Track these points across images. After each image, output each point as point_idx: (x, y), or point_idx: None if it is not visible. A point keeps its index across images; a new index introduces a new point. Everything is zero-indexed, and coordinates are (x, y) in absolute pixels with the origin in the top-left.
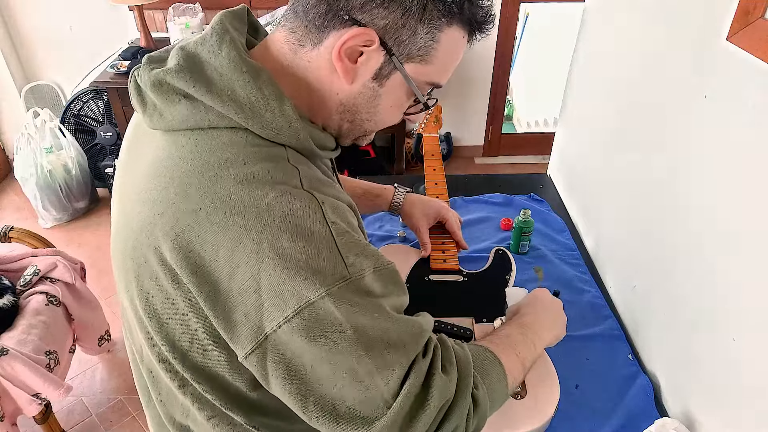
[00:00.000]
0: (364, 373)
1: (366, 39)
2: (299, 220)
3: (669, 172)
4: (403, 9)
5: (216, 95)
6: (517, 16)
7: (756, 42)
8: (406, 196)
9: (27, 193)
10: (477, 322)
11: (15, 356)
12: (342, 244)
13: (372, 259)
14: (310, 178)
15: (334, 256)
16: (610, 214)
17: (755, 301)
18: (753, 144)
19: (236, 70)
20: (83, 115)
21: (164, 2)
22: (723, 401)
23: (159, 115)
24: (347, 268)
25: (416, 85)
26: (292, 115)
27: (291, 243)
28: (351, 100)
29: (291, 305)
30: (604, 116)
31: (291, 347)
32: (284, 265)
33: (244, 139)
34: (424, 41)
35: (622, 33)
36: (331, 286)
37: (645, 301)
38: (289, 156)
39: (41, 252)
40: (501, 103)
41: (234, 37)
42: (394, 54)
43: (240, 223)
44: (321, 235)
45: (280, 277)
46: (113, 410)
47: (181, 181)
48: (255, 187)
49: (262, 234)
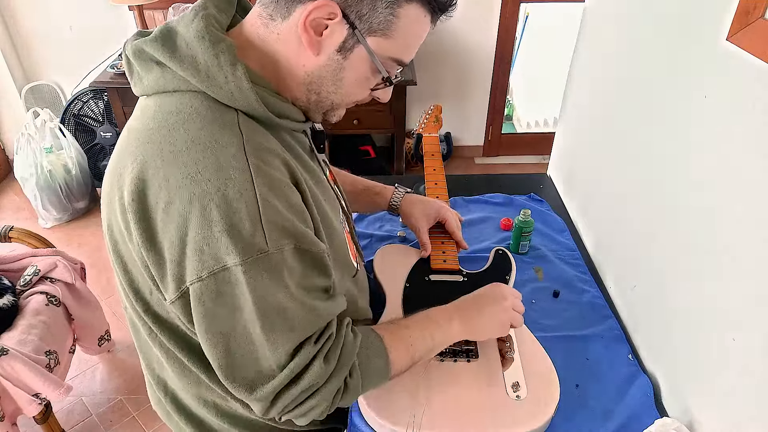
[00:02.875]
0: (257, 339)
1: (329, 11)
2: (229, 189)
3: (669, 172)
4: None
5: (178, 60)
6: (517, 16)
7: (756, 42)
8: (405, 195)
9: (27, 193)
10: None
11: (15, 356)
12: (266, 218)
13: (293, 237)
14: (257, 146)
15: (255, 228)
16: (610, 214)
17: (755, 301)
18: (753, 144)
19: (199, 39)
20: (83, 115)
21: (164, 2)
22: (723, 401)
23: (139, 80)
24: (267, 241)
25: (380, 60)
26: (243, 80)
27: (217, 209)
28: (317, 72)
29: (208, 266)
30: (604, 116)
31: (204, 301)
32: (208, 228)
33: (200, 102)
34: (383, 15)
35: (622, 33)
36: (246, 257)
37: (645, 301)
38: (241, 121)
39: (41, 252)
40: (501, 103)
41: (210, 13)
42: (356, 27)
43: (179, 181)
44: (247, 206)
45: (203, 238)
46: (113, 410)
47: (143, 135)
48: (198, 150)
49: (194, 196)
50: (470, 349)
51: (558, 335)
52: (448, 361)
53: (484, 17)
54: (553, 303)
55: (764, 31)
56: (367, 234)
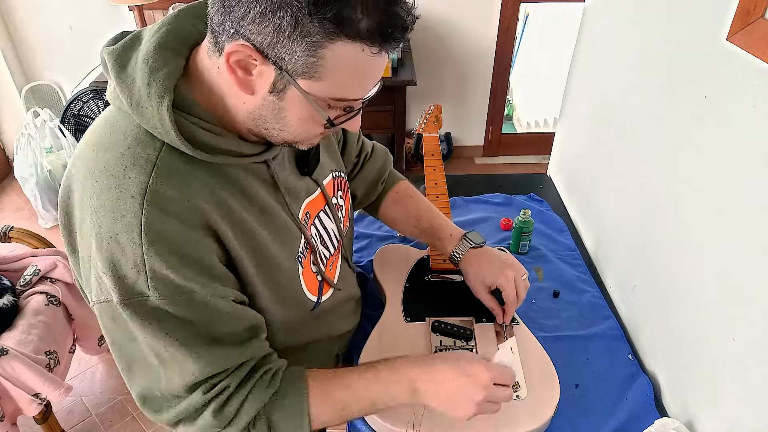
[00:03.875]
0: (153, 366)
1: (246, 54)
2: (120, 229)
3: (669, 171)
4: (274, 26)
5: (121, 81)
6: (517, 16)
7: (756, 42)
8: (466, 254)
9: (27, 193)
10: (477, 322)
11: (15, 356)
12: (151, 267)
13: (180, 288)
14: (159, 191)
15: (138, 275)
16: (610, 214)
17: (755, 301)
18: (753, 144)
19: (143, 61)
20: (83, 115)
21: (164, 2)
22: (723, 401)
23: (107, 86)
24: (149, 287)
25: (320, 100)
26: (165, 114)
27: (108, 245)
28: (256, 110)
29: (103, 293)
30: (604, 116)
31: (104, 321)
32: (102, 260)
33: (132, 129)
34: (303, 59)
35: (622, 33)
36: (126, 298)
37: (645, 301)
38: (162, 157)
39: (41, 252)
40: (501, 103)
41: (176, 28)
42: (283, 69)
43: (88, 205)
44: (133, 252)
45: (100, 266)
46: (113, 410)
47: (84, 146)
48: (106, 180)
49: (93, 225)
50: (470, 349)
51: (558, 335)
52: None
53: (484, 17)
54: (553, 303)
55: (764, 31)
56: (367, 234)
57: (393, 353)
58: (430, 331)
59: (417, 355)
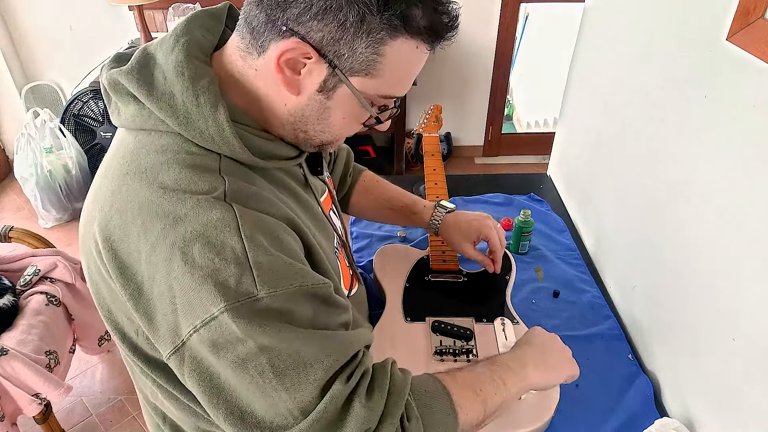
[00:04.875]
0: (271, 388)
1: (302, 52)
2: (212, 231)
3: (669, 172)
4: (338, 22)
5: (155, 99)
6: (517, 16)
7: (756, 42)
8: (444, 217)
9: (27, 193)
10: (477, 322)
11: (15, 356)
12: (255, 260)
13: (290, 278)
14: (239, 190)
15: (242, 271)
16: (610, 214)
17: (755, 300)
18: (753, 144)
19: (178, 73)
20: (83, 115)
21: (164, 2)
22: (723, 401)
23: (117, 113)
24: (256, 284)
25: (368, 97)
26: (225, 124)
27: (200, 254)
28: (299, 111)
29: (199, 315)
30: (604, 116)
31: (202, 354)
32: (192, 274)
33: (179, 145)
34: (365, 56)
35: (622, 33)
36: (232, 302)
37: (645, 301)
38: (223, 166)
39: (41, 252)
40: (501, 103)
41: (193, 38)
42: (337, 66)
43: (158, 229)
44: (232, 249)
45: (189, 286)
46: (113, 410)
47: (117, 180)
48: (176, 194)
49: (176, 242)
50: (470, 349)
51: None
52: (448, 361)
53: (484, 17)
54: (553, 303)
55: (764, 31)
56: (367, 234)
57: (393, 353)
58: (430, 331)
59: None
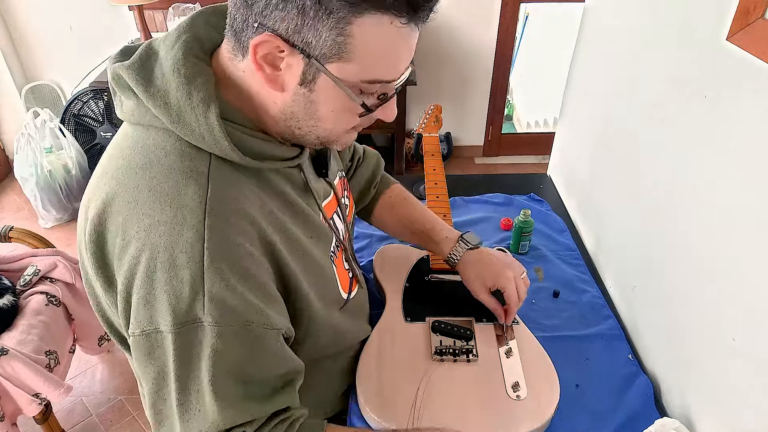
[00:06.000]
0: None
1: (274, 45)
2: (179, 252)
3: (669, 172)
4: (297, 8)
5: (151, 96)
6: (517, 16)
7: (756, 42)
8: (464, 255)
9: (27, 193)
10: (477, 322)
11: (15, 356)
12: (209, 290)
13: (239, 314)
14: (222, 203)
15: (194, 295)
16: (610, 214)
17: (755, 300)
18: (753, 144)
19: (175, 71)
20: (83, 115)
21: (164, 2)
22: (723, 401)
23: (120, 105)
24: (204, 311)
25: (352, 85)
26: (215, 124)
27: (162, 269)
28: (288, 108)
29: (142, 325)
30: (605, 116)
31: (136, 354)
32: (150, 285)
33: (172, 144)
34: (332, 38)
35: (622, 33)
36: (180, 324)
37: (645, 301)
38: (212, 168)
39: (41, 252)
40: (501, 103)
41: (195, 35)
42: (311, 56)
43: (134, 230)
44: (191, 274)
45: (144, 294)
46: (113, 410)
47: (112, 172)
48: (158, 200)
49: (144, 250)
50: (470, 349)
51: (558, 335)
52: (447, 361)
53: (484, 17)
54: (553, 303)
55: (764, 31)
56: (367, 234)
57: (393, 353)
58: (430, 331)
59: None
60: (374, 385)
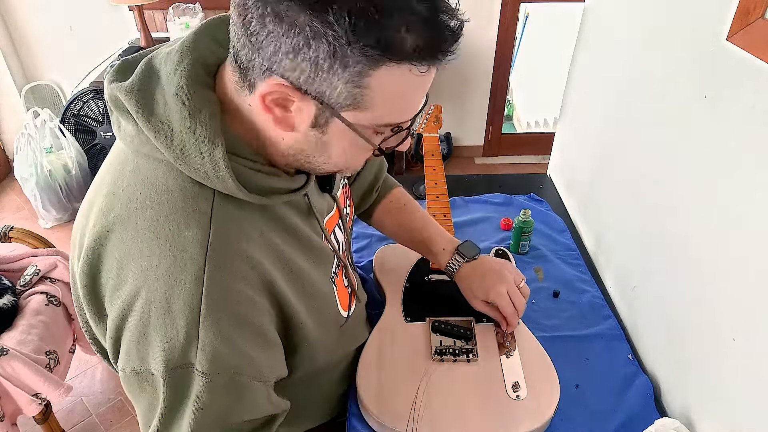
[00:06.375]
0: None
1: (284, 92)
2: (174, 297)
3: (669, 172)
4: (310, 61)
5: (153, 127)
6: (517, 16)
7: (756, 42)
8: (461, 266)
9: (27, 193)
10: (477, 322)
11: (15, 356)
12: (203, 339)
13: (230, 366)
14: (223, 246)
15: (188, 342)
16: (610, 214)
17: (755, 300)
18: (753, 144)
19: (178, 102)
20: (83, 115)
21: (164, 2)
22: (723, 401)
23: (118, 126)
24: (197, 358)
25: (368, 128)
26: (221, 162)
27: (157, 314)
28: (297, 145)
29: (133, 363)
30: (604, 116)
31: (127, 387)
32: (144, 327)
33: (174, 179)
34: (347, 90)
35: (622, 33)
36: (172, 368)
37: (645, 301)
38: (216, 205)
39: (41, 252)
40: (501, 103)
41: (199, 57)
42: (323, 102)
43: (131, 269)
44: (187, 322)
45: (137, 335)
46: (113, 410)
47: (110, 202)
48: (158, 242)
49: (140, 290)
50: (470, 349)
51: (558, 335)
52: (447, 361)
53: (484, 17)
54: (553, 303)
55: (764, 31)
56: (367, 234)
57: (393, 353)
58: (430, 331)
59: None
60: (374, 385)
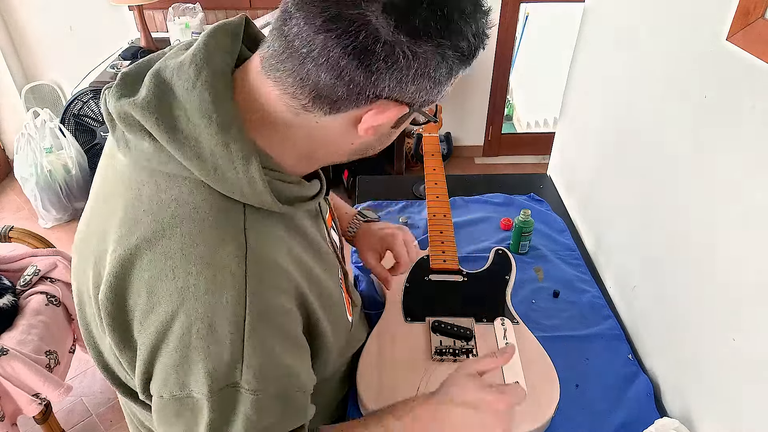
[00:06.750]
0: None
1: (386, 106)
2: (217, 317)
3: (669, 172)
4: (432, 81)
5: (179, 145)
6: (517, 16)
7: (756, 42)
8: (360, 226)
9: (27, 193)
10: (477, 322)
11: (15, 356)
12: (248, 356)
13: (274, 381)
14: (262, 260)
15: (234, 364)
16: (609, 214)
17: (755, 301)
18: (753, 144)
19: (205, 116)
20: (83, 115)
21: (164, 2)
22: (723, 401)
23: (125, 145)
24: (242, 376)
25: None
26: (257, 178)
27: (198, 335)
28: (366, 144)
29: (171, 389)
30: (604, 116)
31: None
32: (184, 351)
33: (203, 197)
34: (442, 93)
35: (622, 33)
36: (218, 389)
37: (645, 301)
38: (248, 222)
39: (41, 252)
40: (501, 103)
41: (216, 70)
42: (413, 105)
43: (164, 293)
44: (231, 341)
45: (176, 360)
46: (113, 410)
47: (133, 224)
48: (192, 262)
49: (179, 313)
50: (470, 349)
51: (558, 335)
52: (448, 361)
53: None
54: (553, 303)
55: (764, 31)
56: None
57: (393, 353)
58: (430, 331)
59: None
60: (374, 385)
